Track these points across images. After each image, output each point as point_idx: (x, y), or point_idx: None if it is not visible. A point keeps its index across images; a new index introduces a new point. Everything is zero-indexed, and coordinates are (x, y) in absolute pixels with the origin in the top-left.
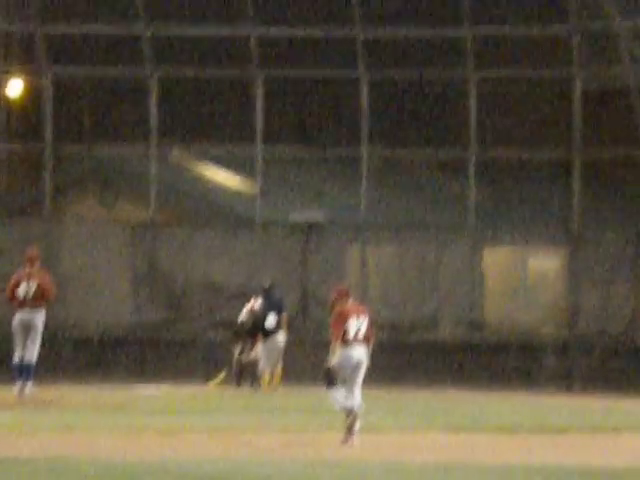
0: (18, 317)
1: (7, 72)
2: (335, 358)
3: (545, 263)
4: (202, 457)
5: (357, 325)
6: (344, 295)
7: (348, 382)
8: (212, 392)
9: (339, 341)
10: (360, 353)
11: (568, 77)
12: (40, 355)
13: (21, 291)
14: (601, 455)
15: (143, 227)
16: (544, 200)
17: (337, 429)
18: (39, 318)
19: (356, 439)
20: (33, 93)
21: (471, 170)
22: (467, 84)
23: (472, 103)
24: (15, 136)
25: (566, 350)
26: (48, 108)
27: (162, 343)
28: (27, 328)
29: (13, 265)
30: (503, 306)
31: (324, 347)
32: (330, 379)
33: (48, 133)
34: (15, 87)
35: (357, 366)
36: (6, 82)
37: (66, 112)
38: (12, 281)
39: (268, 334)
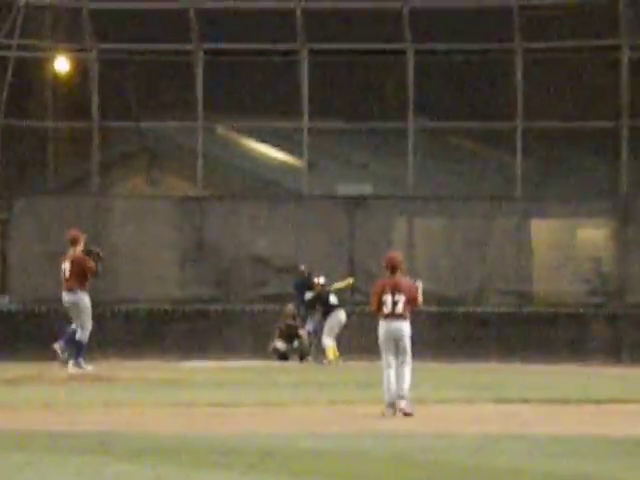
0: (63, 298)
1: (54, 49)
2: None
3: (593, 233)
4: (251, 431)
5: (392, 301)
6: (389, 266)
7: (396, 361)
8: (265, 365)
9: (378, 313)
10: (396, 327)
11: (614, 46)
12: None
13: (61, 273)
14: None
15: (190, 202)
16: (591, 170)
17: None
18: (76, 300)
19: (405, 409)
20: (80, 70)
21: (518, 141)
22: (513, 55)
23: (518, 74)
24: (62, 113)
25: (615, 321)
26: (95, 85)
27: (210, 317)
28: (69, 309)
29: (63, 243)
30: (551, 277)
31: (372, 320)
32: None
33: (95, 110)
34: (62, 64)
35: (395, 340)
36: (53, 59)
37: (112, 88)
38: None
39: (331, 309)
